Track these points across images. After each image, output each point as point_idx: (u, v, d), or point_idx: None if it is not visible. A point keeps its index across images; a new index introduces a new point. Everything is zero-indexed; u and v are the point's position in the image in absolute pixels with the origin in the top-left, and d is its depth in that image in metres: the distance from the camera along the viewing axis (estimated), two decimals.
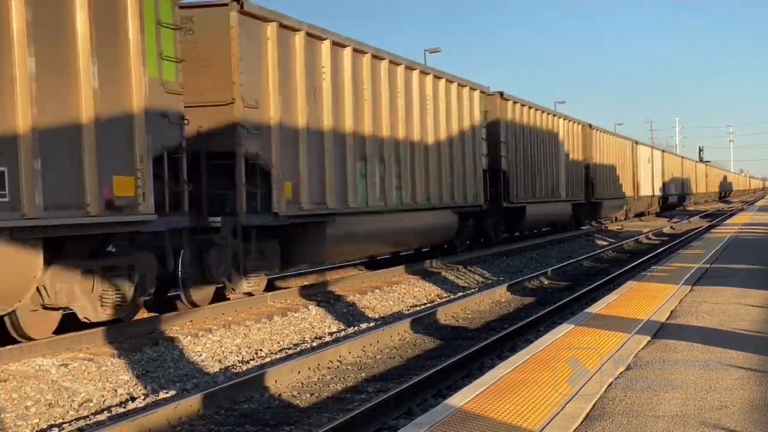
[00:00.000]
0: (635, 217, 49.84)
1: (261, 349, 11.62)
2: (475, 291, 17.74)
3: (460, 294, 17.53)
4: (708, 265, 14.90)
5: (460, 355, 10.27)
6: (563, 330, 8.76)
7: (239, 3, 13.16)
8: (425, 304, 16.20)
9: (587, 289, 16.78)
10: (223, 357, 11.04)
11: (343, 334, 12.81)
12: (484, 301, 15.88)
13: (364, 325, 13.48)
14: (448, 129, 21.39)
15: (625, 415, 5.48)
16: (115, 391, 9.29)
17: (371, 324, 13.66)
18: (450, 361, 9.82)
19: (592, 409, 5.68)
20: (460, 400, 6.02)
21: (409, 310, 15.46)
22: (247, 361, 10.93)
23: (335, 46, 15.96)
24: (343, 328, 13.42)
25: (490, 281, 19.82)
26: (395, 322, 13.23)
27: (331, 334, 12.82)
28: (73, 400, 8.84)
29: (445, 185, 21.16)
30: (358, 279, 17.95)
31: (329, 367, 10.22)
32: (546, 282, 19.33)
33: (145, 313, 12.88)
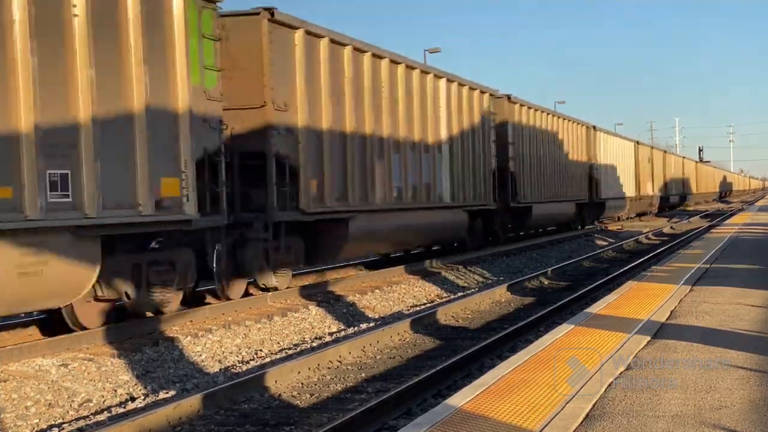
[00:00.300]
0: (636, 217, 50.12)
1: (261, 350, 11.63)
2: (475, 291, 17.74)
3: (460, 294, 17.53)
4: (708, 265, 14.90)
5: (460, 355, 10.27)
6: (563, 330, 8.75)
7: (270, 12, 13.96)
8: (425, 304, 16.20)
9: (587, 289, 16.79)
10: (223, 357, 11.04)
11: (343, 334, 12.81)
12: (484, 301, 15.88)
13: (364, 325, 13.48)
14: (459, 130, 22.11)
15: (625, 415, 5.48)
16: (115, 391, 9.29)
17: (371, 324, 13.67)
18: (450, 361, 9.82)
19: (592, 409, 5.68)
20: (460, 400, 6.02)
21: (409, 310, 15.46)
22: (247, 361, 10.93)
23: (356, 51, 16.70)
24: (343, 328, 13.42)
25: (490, 281, 19.82)
26: (395, 322, 13.23)
27: (331, 334, 12.83)
28: (73, 401, 8.84)
29: (457, 185, 21.84)
30: (358, 279, 17.96)
31: (329, 367, 10.23)
32: (546, 282, 19.34)
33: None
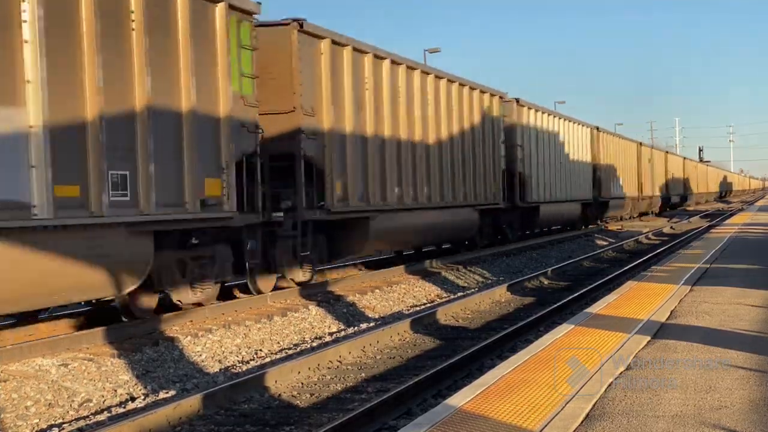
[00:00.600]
0: (637, 217, 50.34)
1: (261, 349, 11.63)
2: (475, 291, 17.74)
3: (460, 294, 17.53)
4: (708, 265, 14.91)
5: (460, 355, 10.27)
6: (563, 330, 8.76)
7: (299, 23, 14.82)
8: (425, 304, 16.20)
9: (587, 289, 16.79)
10: (223, 357, 11.04)
11: (343, 334, 12.81)
12: (484, 301, 15.89)
13: (364, 325, 13.48)
14: (471, 132, 23.00)
15: (625, 415, 5.49)
16: (115, 391, 9.29)
17: (371, 324, 13.67)
18: (450, 361, 9.82)
19: (592, 409, 5.68)
20: (460, 400, 6.02)
21: (409, 310, 15.46)
22: (247, 361, 10.93)
23: (376, 58, 17.51)
24: (343, 328, 13.42)
25: (490, 281, 19.83)
26: (395, 322, 13.23)
27: (331, 334, 12.83)
28: (73, 400, 8.84)
29: (469, 185, 22.69)
30: (358, 279, 17.96)
31: (329, 367, 10.23)
32: (546, 282, 19.34)
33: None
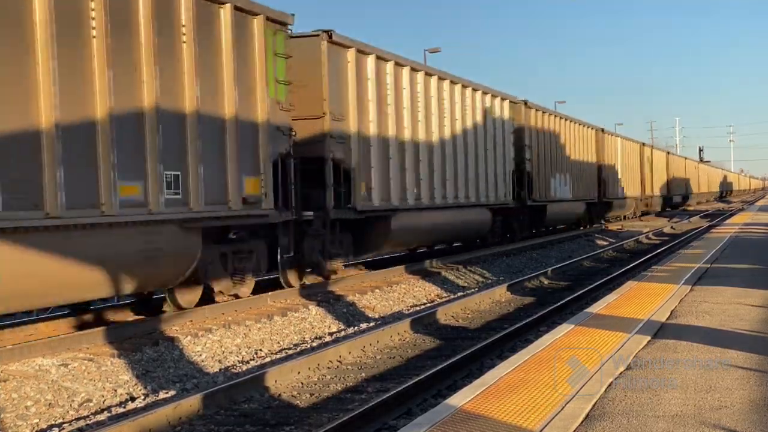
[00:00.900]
0: (640, 216, 50.64)
1: (261, 349, 11.62)
2: (475, 291, 17.73)
3: (460, 294, 17.53)
4: (708, 265, 14.90)
5: (460, 355, 10.26)
6: (563, 330, 8.75)
7: (328, 34, 15.94)
8: (425, 304, 16.20)
9: (587, 289, 16.78)
10: (223, 357, 11.03)
11: (343, 334, 12.81)
12: (484, 301, 15.88)
13: (364, 325, 13.48)
14: (484, 135, 24.18)
15: (625, 415, 5.48)
16: (115, 391, 9.28)
17: (371, 324, 13.66)
18: (450, 361, 9.82)
19: (592, 409, 5.68)
20: (460, 400, 6.02)
21: (409, 310, 15.46)
22: (247, 361, 10.93)
23: (397, 66, 18.65)
24: (343, 328, 13.41)
25: (490, 281, 19.82)
26: (395, 322, 13.22)
27: (331, 334, 12.82)
28: (73, 400, 8.83)
29: (481, 185, 23.83)
30: (358, 279, 17.96)
31: (329, 367, 10.22)
32: (546, 282, 19.34)
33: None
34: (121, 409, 8.61)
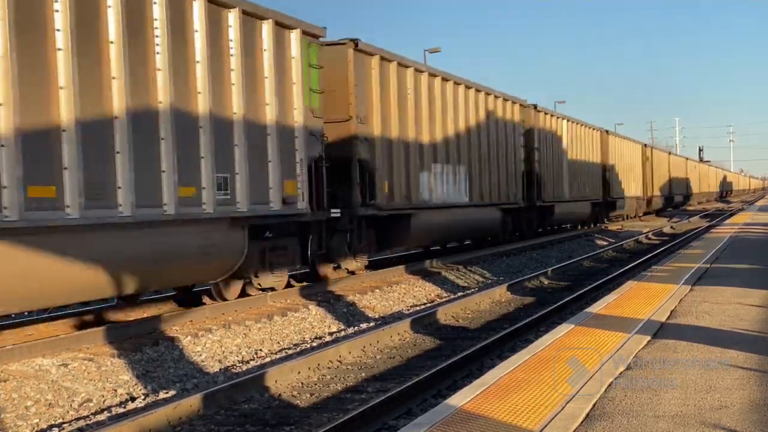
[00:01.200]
0: (641, 216, 50.98)
1: (261, 349, 11.62)
2: (475, 291, 17.73)
3: (460, 294, 17.53)
4: (708, 265, 14.90)
5: (460, 355, 10.26)
6: (563, 330, 8.75)
7: (354, 43, 17.01)
8: (425, 304, 16.20)
9: (587, 289, 16.78)
10: (223, 357, 11.04)
11: (343, 334, 12.81)
12: (484, 301, 15.88)
13: (364, 325, 13.48)
14: (496, 137, 25.30)
15: (625, 415, 5.48)
16: (115, 391, 9.29)
17: (371, 324, 13.66)
18: (450, 361, 9.82)
19: (592, 409, 5.68)
20: (460, 400, 6.02)
21: (409, 310, 15.46)
22: (247, 361, 10.93)
23: (416, 72, 19.79)
24: (343, 328, 13.41)
25: (490, 281, 19.82)
26: (395, 322, 13.22)
27: (331, 334, 12.82)
28: (73, 400, 8.84)
29: (494, 186, 24.86)
30: (358, 279, 17.96)
31: (329, 367, 10.22)
32: (546, 282, 19.34)
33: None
34: (121, 409, 8.61)
